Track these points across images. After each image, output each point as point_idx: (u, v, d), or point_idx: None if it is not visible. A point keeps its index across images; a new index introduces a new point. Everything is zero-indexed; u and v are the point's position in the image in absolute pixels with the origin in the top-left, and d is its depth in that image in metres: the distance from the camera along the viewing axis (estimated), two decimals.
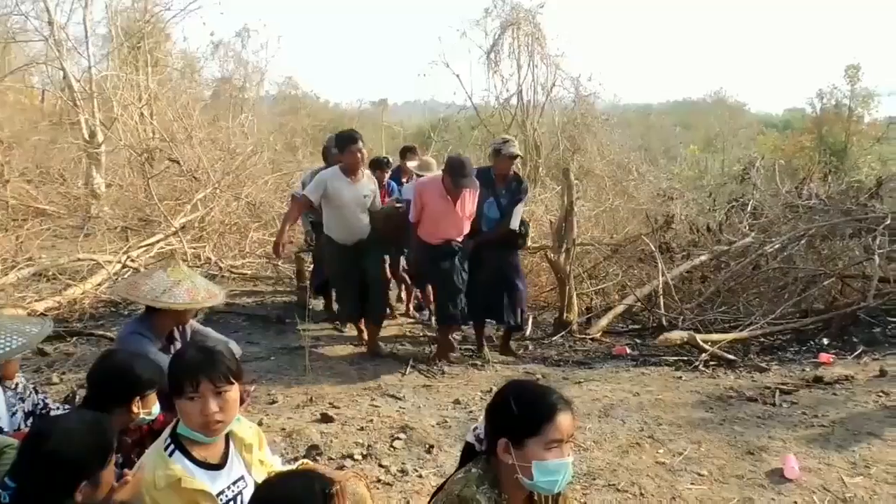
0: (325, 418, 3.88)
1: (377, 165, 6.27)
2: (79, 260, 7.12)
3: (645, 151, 15.59)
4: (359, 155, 5.01)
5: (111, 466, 1.76)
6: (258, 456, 2.05)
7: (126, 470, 1.91)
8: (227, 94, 17.61)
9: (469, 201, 4.97)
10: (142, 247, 7.52)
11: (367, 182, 5.20)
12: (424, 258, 5.16)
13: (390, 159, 6.83)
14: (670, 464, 3.33)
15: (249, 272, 8.41)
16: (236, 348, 2.91)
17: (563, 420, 1.73)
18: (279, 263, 7.58)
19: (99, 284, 6.60)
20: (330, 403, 4.13)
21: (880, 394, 4.15)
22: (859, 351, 5.02)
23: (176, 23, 17.19)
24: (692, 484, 3.13)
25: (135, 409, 2.16)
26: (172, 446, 1.83)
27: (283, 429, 3.73)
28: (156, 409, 2.28)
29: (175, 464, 1.79)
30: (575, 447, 3.49)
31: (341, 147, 5.03)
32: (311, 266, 6.74)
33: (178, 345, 2.96)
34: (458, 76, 14.65)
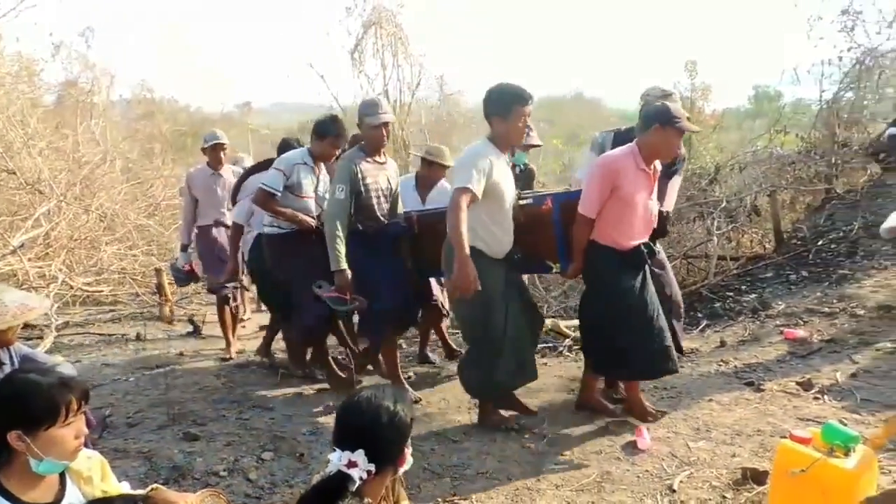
0: (190, 437, 3.70)
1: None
2: None
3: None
4: (528, 121, 3.56)
5: None
6: (101, 487, 1.92)
7: None
8: (74, 99, 16.33)
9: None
10: None
11: None
12: (605, 272, 3.54)
13: None
14: (535, 447, 3.47)
15: (105, 289, 7.89)
16: (70, 369, 2.71)
17: None
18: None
19: None
20: (194, 421, 3.96)
21: (720, 363, 4.55)
22: (703, 325, 5.47)
23: (7, 21, 15.69)
24: (555, 464, 3.28)
25: None
26: None
27: (143, 452, 3.53)
28: None
29: None
30: (446, 441, 3.58)
31: (504, 109, 3.42)
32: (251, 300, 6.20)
33: (7, 369, 2.69)
34: (322, 77, 14.43)
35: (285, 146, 4.89)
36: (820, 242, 6.90)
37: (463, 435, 3.67)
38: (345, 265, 3.93)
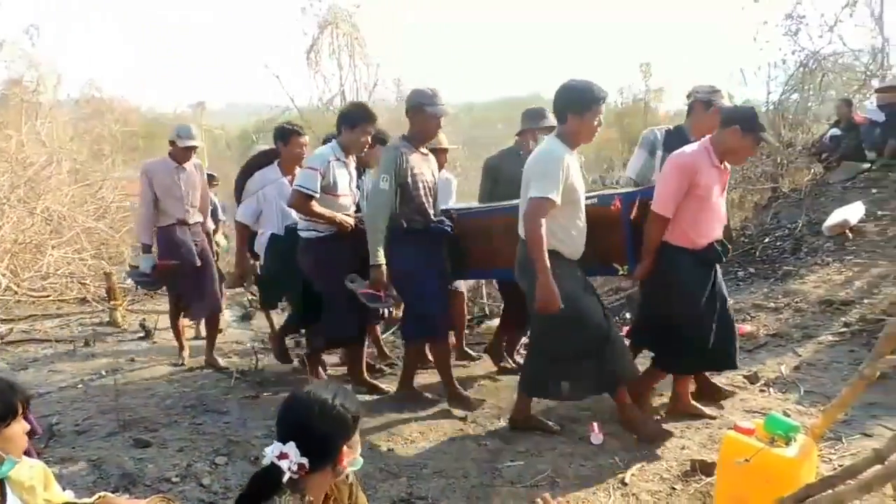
0: (141, 443, 3.63)
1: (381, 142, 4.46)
2: None
3: (468, 148, 16.15)
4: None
5: None
6: (44, 496, 1.89)
7: None
8: (18, 98, 15.80)
9: None
10: None
11: None
12: (675, 272, 3.40)
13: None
14: (491, 445, 3.50)
15: (52, 294, 7.66)
16: (7, 373, 2.65)
17: None
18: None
19: None
20: (146, 427, 3.88)
21: None
22: None
23: None
24: (511, 461, 3.31)
25: None
26: None
27: (92, 460, 3.45)
28: None
29: None
30: (403, 441, 3.59)
31: (582, 107, 3.25)
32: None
33: None
34: (277, 77, 14.35)
35: (281, 133, 4.68)
36: (766, 240, 7.12)
37: (419, 434, 3.68)
38: (382, 260, 3.75)
